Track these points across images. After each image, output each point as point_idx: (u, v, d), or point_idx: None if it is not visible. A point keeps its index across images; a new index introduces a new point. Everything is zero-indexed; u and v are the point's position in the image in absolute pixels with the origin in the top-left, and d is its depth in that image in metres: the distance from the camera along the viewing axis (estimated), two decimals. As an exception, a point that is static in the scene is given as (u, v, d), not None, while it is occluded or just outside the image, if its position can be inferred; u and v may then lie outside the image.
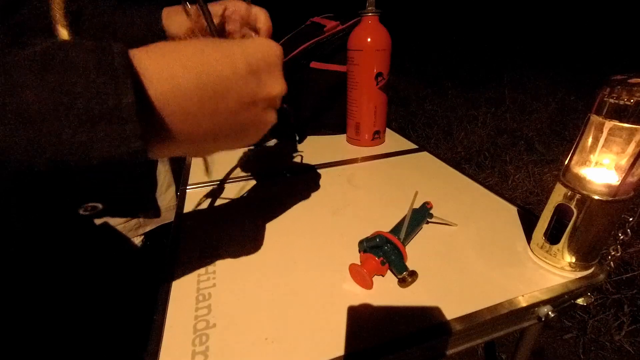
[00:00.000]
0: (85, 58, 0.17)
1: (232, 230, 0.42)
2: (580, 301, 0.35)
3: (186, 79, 0.20)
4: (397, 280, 0.33)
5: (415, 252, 0.36)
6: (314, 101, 0.71)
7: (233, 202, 0.49)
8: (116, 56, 0.18)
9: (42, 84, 0.16)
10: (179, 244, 0.40)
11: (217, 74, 0.22)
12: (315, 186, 0.52)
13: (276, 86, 0.26)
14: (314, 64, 0.69)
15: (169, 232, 0.42)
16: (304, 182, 0.54)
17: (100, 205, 0.56)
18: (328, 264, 0.36)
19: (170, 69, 0.20)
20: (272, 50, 0.26)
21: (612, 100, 0.28)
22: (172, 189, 0.74)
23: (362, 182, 0.53)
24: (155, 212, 0.62)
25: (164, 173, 0.73)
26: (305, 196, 0.50)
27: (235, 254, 0.38)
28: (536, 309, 0.32)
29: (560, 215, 0.33)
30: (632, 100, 0.26)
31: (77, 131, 0.17)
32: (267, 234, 0.42)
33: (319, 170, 0.57)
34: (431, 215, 0.42)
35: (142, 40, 0.24)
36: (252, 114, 0.25)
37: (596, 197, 0.30)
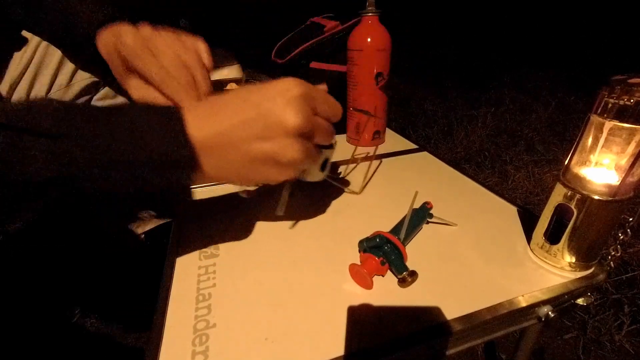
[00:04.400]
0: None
1: (232, 230, 0.42)
2: (580, 301, 0.35)
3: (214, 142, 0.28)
4: (397, 280, 0.33)
5: (415, 252, 0.36)
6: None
7: (233, 202, 0.49)
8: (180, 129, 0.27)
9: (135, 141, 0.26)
10: (179, 243, 0.40)
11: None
12: (315, 186, 0.52)
13: (289, 117, 0.28)
14: (314, 64, 0.69)
15: (169, 232, 0.42)
16: (304, 182, 0.53)
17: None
18: (328, 264, 0.36)
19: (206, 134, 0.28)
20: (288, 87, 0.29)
21: (612, 100, 0.28)
22: (172, 189, 0.74)
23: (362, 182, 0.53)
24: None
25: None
26: (306, 196, 0.50)
27: (236, 254, 0.38)
28: (536, 309, 0.32)
29: (560, 215, 0.33)
30: (632, 100, 0.26)
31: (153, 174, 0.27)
32: (267, 234, 0.42)
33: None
34: (431, 215, 0.41)
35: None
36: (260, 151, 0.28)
37: (596, 197, 0.30)
